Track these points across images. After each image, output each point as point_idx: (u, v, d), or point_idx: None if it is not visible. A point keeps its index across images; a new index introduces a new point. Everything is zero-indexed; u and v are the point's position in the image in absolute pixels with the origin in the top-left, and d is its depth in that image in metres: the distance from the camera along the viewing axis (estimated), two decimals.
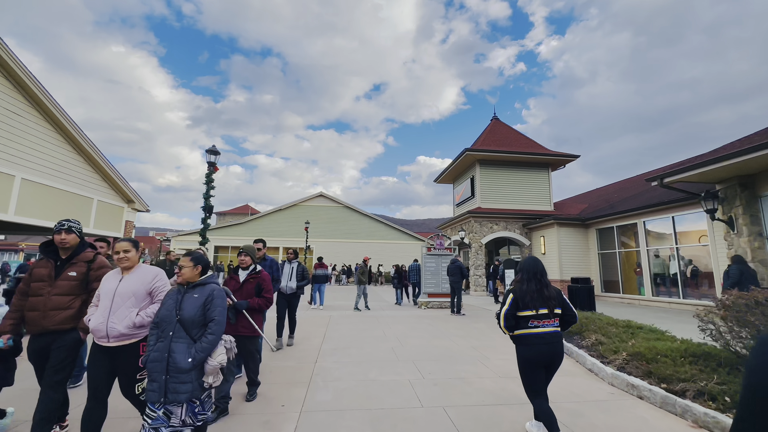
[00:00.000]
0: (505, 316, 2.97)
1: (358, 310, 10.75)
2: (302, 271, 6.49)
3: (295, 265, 6.45)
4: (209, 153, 10.76)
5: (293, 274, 6.34)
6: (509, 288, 3.10)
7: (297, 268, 6.43)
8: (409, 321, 9.15)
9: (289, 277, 6.28)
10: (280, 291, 6.14)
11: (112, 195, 12.84)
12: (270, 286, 4.05)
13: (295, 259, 6.62)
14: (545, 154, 19.44)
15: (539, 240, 17.88)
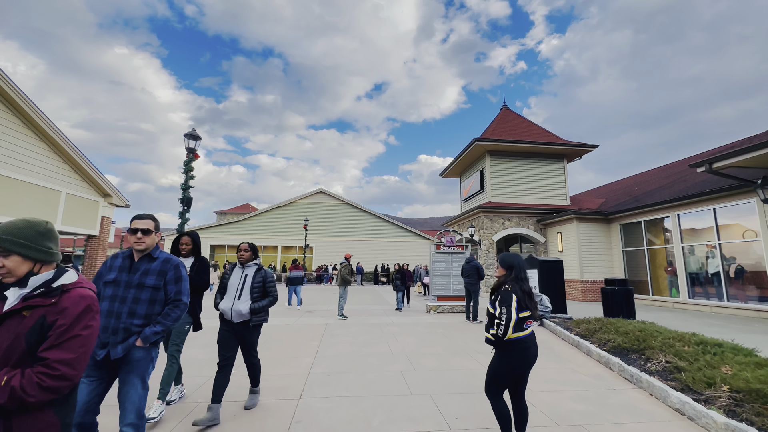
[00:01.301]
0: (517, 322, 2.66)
1: (345, 317, 9.31)
2: (266, 283, 3.68)
3: (250, 272, 3.67)
4: (189, 138, 9.43)
5: (245, 287, 3.58)
6: (505, 289, 2.75)
7: (255, 278, 3.65)
8: (418, 331, 7.78)
9: (237, 292, 3.54)
10: (223, 317, 3.58)
11: (85, 188, 11.54)
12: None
13: (253, 261, 3.76)
14: (560, 144, 18.00)
15: (555, 236, 16.47)
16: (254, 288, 3.58)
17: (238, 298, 3.51)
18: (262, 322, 3.68)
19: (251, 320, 3.54)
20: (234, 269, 3.75)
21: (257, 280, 3.63)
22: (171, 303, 2.49)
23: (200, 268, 3.77)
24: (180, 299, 2.52)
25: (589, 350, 5.82)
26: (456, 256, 11.40)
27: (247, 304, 3.51)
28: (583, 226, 15.18)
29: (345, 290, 9.66)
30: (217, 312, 3.63)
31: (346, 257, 10.11)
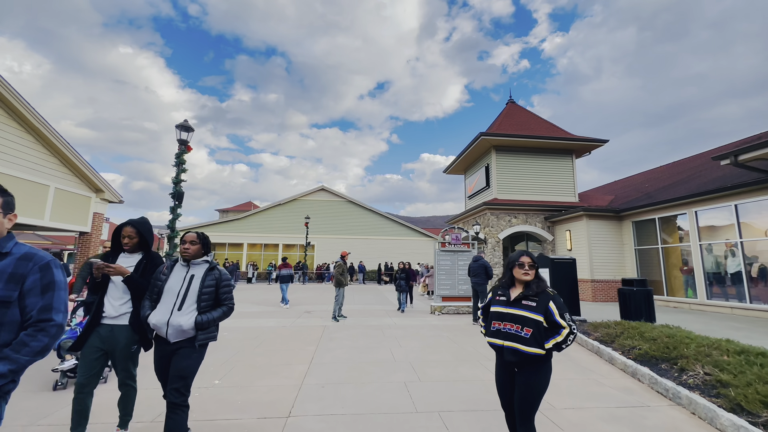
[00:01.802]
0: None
1: (336, 320, 8.76)
2: (219, 287, 2.70)
3: (198, 273, 2.69)
4: (181, 129, 8.95)
5: (189, 293, 2.60)
6: (554, 294, 2.42)
7: (205, 281, 2.65)
8: (423, 334, 7.27)
9: (178, 299, 2.56)
10: (157, 336, 2.62)
11: (76, 183, 11.08)
12: None
13: (203, 257, 2.76)
14: (569, 139, 17.39)
15: (564, 235, 15.89)
16: (203, 294, 2.58)
17: (178, 308, 2.52)
18: (210, 340, 2.66)
19: (197, 338, 2.54)
20: (174, 268, 2.70)
21: (208, 283, 2.63)
22: (32, 325, 1.57)
23: (148, 267, 2.87)
24: (48, 319, 1.59)
25: (612, 358, 5.28)
26: (462, 254, 10.87)
27: (192, 316, 2.51)
28: (594, 223, 14.59)
29: (340, 291, 9.09)
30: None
31: (342, 255, 9.52)
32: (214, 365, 4.91)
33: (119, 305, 2.76)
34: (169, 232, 8.61)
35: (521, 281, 2.44)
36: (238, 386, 4.14)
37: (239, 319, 8.88)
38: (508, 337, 2.32)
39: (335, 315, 8.82)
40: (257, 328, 7.67)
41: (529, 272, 2.42)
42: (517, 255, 2.50)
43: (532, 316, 2.29)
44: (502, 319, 2.37)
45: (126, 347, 2.74)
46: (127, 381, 2.86)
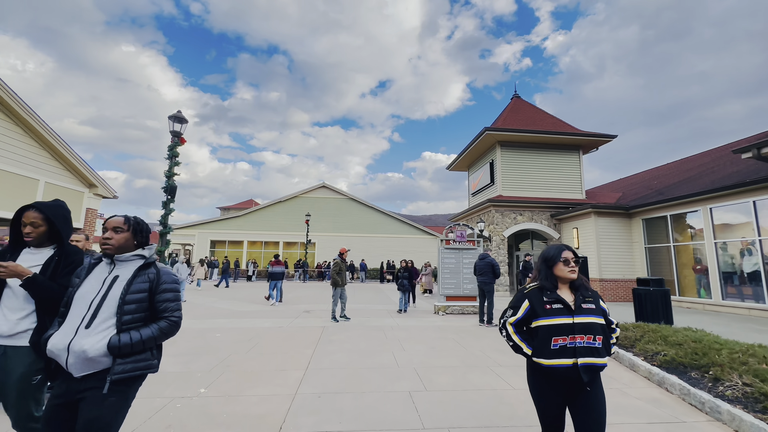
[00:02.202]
0: None
1: (336, 321, 8.27)
2: (156, 293, 1.89)
3: (125, 273, 1.87)
4: (174, 120, 8.57)
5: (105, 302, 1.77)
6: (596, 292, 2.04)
7: (133, 284, 1.84)
8: (428, 337, 6.87)
9: (89, 313, 1.74)
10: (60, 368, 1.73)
11: (68, 177, 10.72)
12: None
13: (135, 251, 1.95)
14: (576, 134, 16.92)
15: (571, 232, 15.45)
16: (127, 303, 1.75)
17: (86, 326, 1.69)
18: (140, 373, 1.78)
19: (112, 371, 1.67)
20: (96, 267, 1.89)
21: (137, 287, 1.81)
22: None
23: (61, 266, 2.13)
24: None
25: (633, 364, 4.86)
26: (467, 252, 10.45)
27: (104, 336, 1.68)
28: (602, 221, 14.14)
29: (337, 291, 8.56)
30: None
31: (341, 253, 8.98)
32: (202, 371, 4.52)
33: (17, 319, 2.01)
34: (161, 228, 8.23)
35: (566, 280, 2.00)
36: (226, 396, 3.75)
37: (234, 319, 8.51)
38: (583, 352, 1.85)
39: (334, 315, 8.36)
40: (252, 329, 7.29)
41: (576, 268, 2.00)
42: (556, 250, 2.05)
43: (599, 321, 1.92)
44: (571, 331, 1.87)
45: (24, 378, 1.97)
46: (28, 425, 2.00)
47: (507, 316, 2.04)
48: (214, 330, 7.18)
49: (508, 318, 2.04)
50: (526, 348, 1.97)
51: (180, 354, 5.30)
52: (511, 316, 2.03)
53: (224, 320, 8.39)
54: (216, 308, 10.49)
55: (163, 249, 8.18)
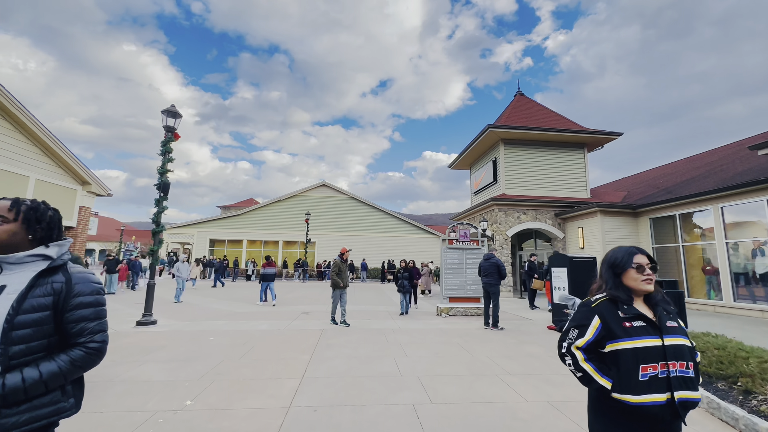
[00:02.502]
0: None
1: (335, 324, 7.85)
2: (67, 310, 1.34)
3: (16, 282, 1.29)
4: (167, 115, 8.26)
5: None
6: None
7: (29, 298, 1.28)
8: (431, 341, 6.56)
9: None
10: None
11: (60, 174, 10.43)
12: None
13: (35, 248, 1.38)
14: (581, 132, 16.58)
15: (576, 232, 15.12)
16: (18, 327, 1.23)
17: None
18: (44, 423, 1.26)
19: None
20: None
21: (33, 303, 1.28)
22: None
23: None
24: None
25: None
26: (470, 252, 10.14)
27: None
28: (608, 220, 13.82)
29: (336, 294, 8.05)
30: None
31: (341, 253, 8.46)
32: (191, 380, 4.22)
33: None
34: (154, 226, 7.93)
35: (639, 293, 1.55)
36: (214, 409, 3.44)
37: (230, 321, 8.21)
38: (679, 384, 1.41)
39: (333, 318, 7.99)
40: (248, 332, 6.98)
41: (653, 277, 1.55)
42: (624, 253, 1.60)
43: (687, 344, 1.49)
44: (663, 357, 1.43)
45: None
46: None
47: (571, 338, 1.56)
48: (207, 333, 6.87)
49: (573, 340, 1.55)
50: (604, 380, 1.46)
51: (169, 360, 4.99)
52: (578, 337, 1.53)
53: (220, 322, 8.09)
54: (212, 309, 10.20)
55: (156, 248, 7.88)
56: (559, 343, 1.62)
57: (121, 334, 6.65)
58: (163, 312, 9.32)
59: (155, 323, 7.62)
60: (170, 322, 7.97)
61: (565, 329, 1.62)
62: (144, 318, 7.52)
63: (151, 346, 5.78)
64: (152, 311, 7.71)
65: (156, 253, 7.89)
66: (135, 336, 6.52)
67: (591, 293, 1.68)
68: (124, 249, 39.55)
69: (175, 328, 7.36)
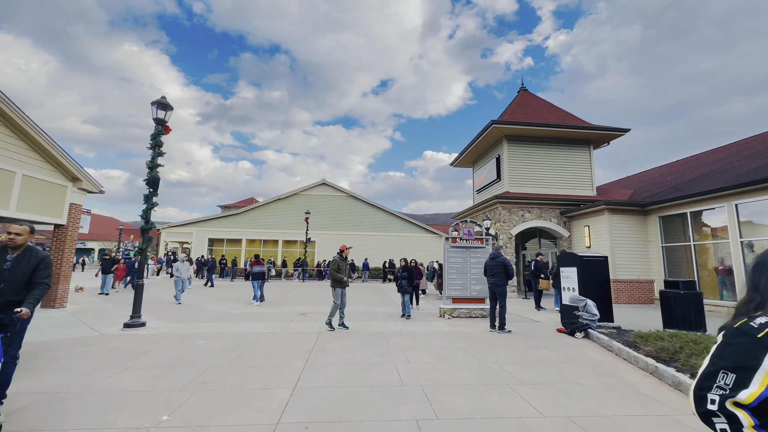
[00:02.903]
0: None
1: (331, 329, 7.22)
2: None
3: None
4: (157, 107, 7.88)
5: None
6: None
7: None
8: (434, 345, 6.16)
9: None
10: None
11: (48, 170, 10.05)
12: None
13: None
14: (587, 128, 16.15)
15: (582, 231, 14.71)
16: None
17: None
18: None
19: None
20: None
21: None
22: None
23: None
24: None
25: (678, 382, 4.14)
26: (475, 251, 9.74)
27: None
28: (616, 218, 13.40)
29: (337, 293, 7.42)
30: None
31: (341, 250, 7.95)
32: (171, 390, 3.83)
33: None
34: (143, 223, 7.54)
35: None
36: (192, 426, 3.05)
37: (223, 323, 7.83)
38: None
39: (331, 321, 7.41)
40: (240, 335, 6.59)
41: None
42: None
43: None
44: None
45: None
46: None
47: (723, 387, 0.94)
48: (198, 336, 6.49)
49: (727, 390, 0.94)
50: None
51: (151, 367, 4.61)
52: (738, 387, 0.93)
53: (212, 324, 7.70)
54: (206, 310, 9.82)
55: (144, 246, 7.50)
56: (697, 392, 0.99)
57: (105, 337, 6.27)
58: (155, 313, 8.95)
59: (144, 325, 7.25)
60: (160, 324, 7.59)
61: (705, 370, 1.00)
62: (132, 320, 7.14)
63: (135, 350, 5.40)
64: (141, 312, 7.33)
65: (145, 251, 7.50)
66: (120, 339, 6.14)
67: (739, 314, 1.12)
68: (123, 248, 39.28)
69: (164, 330, 6.98)
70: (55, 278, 10.35)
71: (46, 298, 10.31)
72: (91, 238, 44.45)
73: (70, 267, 10.68)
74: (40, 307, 10.28)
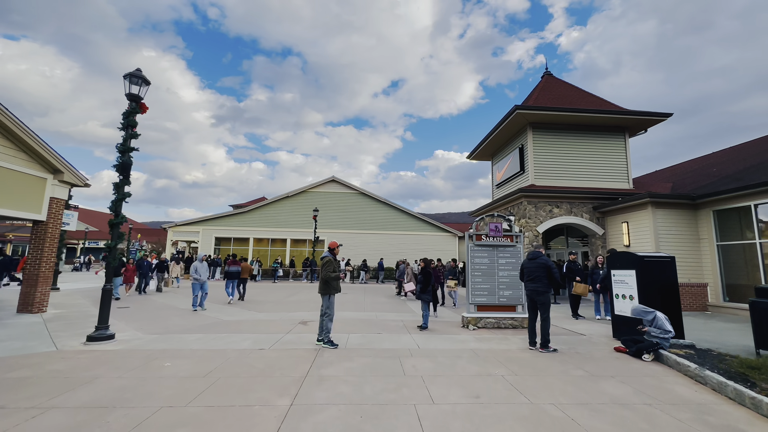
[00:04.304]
0: None
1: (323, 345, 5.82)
2: None
3: None
4: (131, 81, 6.72)
5: None
6: None
7: None
8: (463, 371, 4.78)
9: None
10: None
11: (23, 160, 9.05)
12: None
13: None
14: (622, 113, 14.46)
15: (619, 227, 13.07)
16: None
17: None
18: None
19: None
20: None
21: None
22: None
23: None
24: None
25: None
26: (503, 250, 8.31)
27: None
28: (661, 213, 11.73)
29: (331, 301, 6.03)
30: None
31: (331, 248, 6.50)
32: None
33: None
34: (113, 216, 6.38)
35: None
36: None
37: (207, 334, 6.61)
38: None
39: (323, 337, 5.91)
40: (221, 353, 5.35)
41: None
42: None
43: None
44: None
45: None
46: None
47: None
48: (169, 354, 5.27)
49: None
50: None
51: (82, 406, 3.38)
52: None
53: (194, 337, 6.50)
54: (195, 316, 8.66)
55: (113, 244, 6.33)
56: None
57: (56, 355, 5.11)
58: (140, 321, 7.83)
59: (112, 338, 6.09)
60: (133, 336, 6.44)
61: None
62: (97, 332, 5.98)
63: (79, 377, 4.21)
64: (108, 322, 6.18)
65: (114, 249, 6.33)
66: (71, 359, 4.97)
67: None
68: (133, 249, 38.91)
69: (133, 345, 5.79)
70: (33, 280, 9.36)
71: (23, 302, 9.31)
72: (103, 237, 44.38)
73: (50, 268, 9.68)
74: (15, 313, 9.31)
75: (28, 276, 9.41)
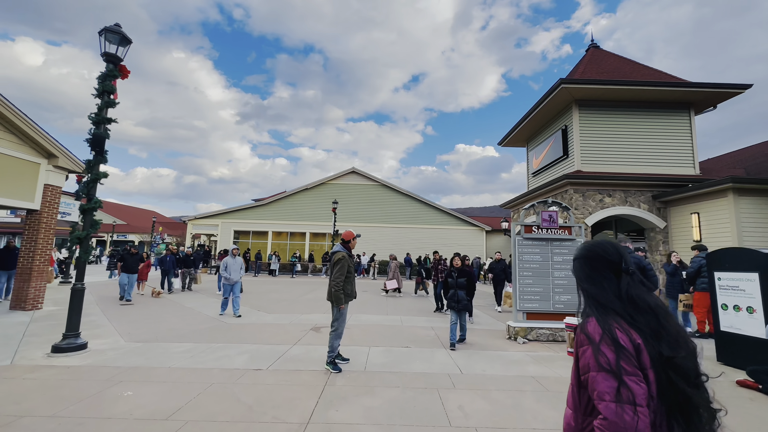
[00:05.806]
0: None
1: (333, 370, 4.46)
2: None
3: None
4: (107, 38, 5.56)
5: None
6: None
7: None
8: (532, 415, 3.33)
9: None
10: None
11: (15, 143, 8.22)
12: None
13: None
14: (687, 85, 12.31)
15: (687, 219, 11.08)
16: None
17: None
18: None
19: None
20: None
21: None
22: None
23: None
24: None
25: None
26: (560, 244, 6.73)
27: None
28: (746, 201, 9.71)
29: (339, 312, 4.71)
30: None
31: (345, 239, 5.06)
32: None
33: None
34: (83, 199, 5.27)
35: None
36: None
37: (196, 344, 5.42)
38: None
39: (328, 357, 4.57)
40: (206, 374, 4.14)
41: None
42: None
43: None
44: None
45: None
46: None
47: None
48: (137, 375, 4.10)
49: None
50: None
51: None
52: None
53: (180, 346, 5.34)
54: (193, 317, 7.58)
55: (83, 234, 5.21)
56: None
57: (4, 372, 4.04)
58: (136, 321, 6.82)
59: (83, 348, 5.01)
60: (113, 344, 5.36)
61: None
62: (65, 341, 4.91)
63: (4, 413, 3.07)
64: (79, 330, 5.11)
65: (85, 241, 5.23)
66: (13, 380, 3.87)
67: None
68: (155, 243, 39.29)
69: (103, 359, 4.68)
70: (26, 275, 8.59)
71: (16, 298, 8.56)
72: (130, 230, 45.24)
73: (45, 261, 8.89)
74: (8, 309, 8.58)
75: (21, 270, 8.65)
